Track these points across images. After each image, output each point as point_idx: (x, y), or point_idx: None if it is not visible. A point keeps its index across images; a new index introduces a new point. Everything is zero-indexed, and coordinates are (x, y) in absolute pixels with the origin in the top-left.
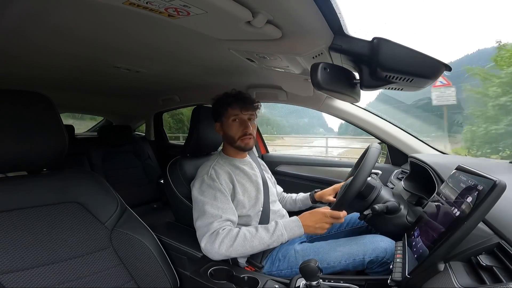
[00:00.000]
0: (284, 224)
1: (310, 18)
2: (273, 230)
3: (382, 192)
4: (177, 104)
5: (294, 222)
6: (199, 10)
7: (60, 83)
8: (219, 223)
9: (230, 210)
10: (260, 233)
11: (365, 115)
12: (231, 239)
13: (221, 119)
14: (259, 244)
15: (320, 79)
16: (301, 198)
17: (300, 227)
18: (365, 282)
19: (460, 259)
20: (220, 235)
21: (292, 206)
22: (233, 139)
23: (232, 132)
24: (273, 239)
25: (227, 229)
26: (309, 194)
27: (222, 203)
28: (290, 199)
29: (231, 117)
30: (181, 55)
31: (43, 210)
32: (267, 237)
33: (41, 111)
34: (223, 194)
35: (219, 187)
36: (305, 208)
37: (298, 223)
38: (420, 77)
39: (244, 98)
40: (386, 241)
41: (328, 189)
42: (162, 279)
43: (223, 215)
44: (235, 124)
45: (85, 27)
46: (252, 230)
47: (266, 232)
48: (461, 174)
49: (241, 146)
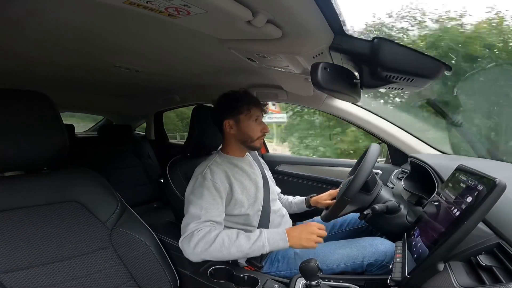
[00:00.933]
0: (268, 235)
1: (310, 18)
2: (254, 239)
3: (382, 192)
4: (177, 103)
5: (280, 234)
6: (199, 9)
7: (60, 82)
8: (195, 224)
9: (214, 210)
10: (240, 240)
11: (365, 115)
12: (207, 243)
13: (237, 117)
14: (237, 252)
15: (320, 78)
16: (296, 202)
17: (285, 240)
18: (365, 282)
19: (459, 259)
20: (195, 237)
21: (287, 209)
22: (251, 138)
23: (252, 132)
24: (253, 248)
25: (204, 231)
26: (304, 198)
27: (207, 202)
28: (286, 201)
29: (254, 116)
30: (181, 55)
31: (43, 209)
32: (247, 246)
33: (41, 111)
34: (210, 192)
35: (208, 186)
36: (300, 213)
37: (284, 236)
38: (420, 77)
39: (258, 101)
40: (385, 244)
41: (323, 194)
42: (162, 278)
43: (204, 215)
44: (257, 124)
45: (85, 26)
46: (233, 236)
47: (247, 240)
48: (461, 174)
49: (256, 146)
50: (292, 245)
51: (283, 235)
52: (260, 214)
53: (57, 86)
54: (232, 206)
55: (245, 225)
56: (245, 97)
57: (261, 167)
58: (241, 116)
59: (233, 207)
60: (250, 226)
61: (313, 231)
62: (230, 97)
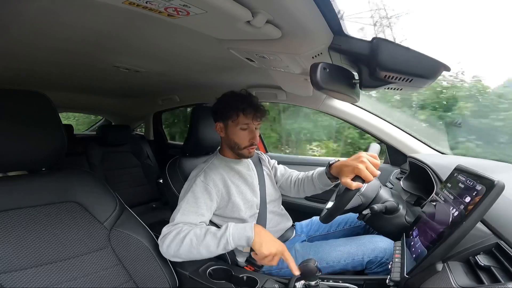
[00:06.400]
0: (233, 231)
1: (309, 18)
2: (219, 236)
3: (381, 192)
4: (177, 104)
5: (247, 231)
6: (198, 10)
7: (59, 82)
8: (169, 227)
9: (192, 214)
10: (206, 240)
11: (364, 115)
12: (177, 244)
13: (226, 122)
14: (206, 252)
15: (319, 79)
16: (317, 176)
17: (249, 238)
18: (364, 282)
19: (458, 259)
20: (167, 240)
21: (312, 189)
22: (238, 146)
23: (238, 140)
24: (220, 247)
25: (175, 232)
26: (324, 170)
27: (188, 204)
28: (307, 180)
29: (241, 124)
30: (180, 55)
31: (41, 210)
32: (214, 245)
33: (40, 111)
34: (194, 196)
35: (196, 189)
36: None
37: (250, 233)
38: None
39: (257, 106)
40: (385, 241)
41: (347, 164)
42: (161, 279)
43: (178, 218)
44: (244, 133)
45: (84, 26)
46: (201, 235)
47: (213, 238)
48: (460, 174)
49: (244, 155)
50: (254, 243)
51: (250, 232)
52: (256, 216)
53: (56, 86)
54: (229, 209)
55: None
56: (236, 103)
57: (260, 166)
58: (229, 122)
59: (230, 210)
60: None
61: (277, 252)
62: (222, 100)
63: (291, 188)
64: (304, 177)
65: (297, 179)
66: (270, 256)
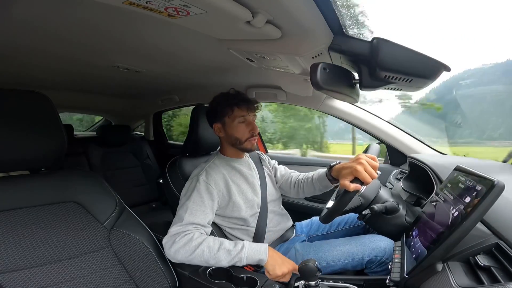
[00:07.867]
0: (248, 253)
1: (310, 18)
2: (234, 255)
3: (381, 192)
4: (177, 104)
5: (260, 254)
6: (199, 10)
7: (59, 82)
8: (178, 227)
9: (199, 213)
10: (219, 255)
11: (364, 115)
12: (187, 251)
13: (223, 120)
14: (215, 263)
15: (319, 79)
16: (317, 178)
17: (262, 261)
18: (364, 282)
19: (458, 259)
20: (177, 244)
21: (311, 191)
22: (239, 140)
23: (239, 134)
24: (231, 263)
25: (187, 238)
26: (325, 172)
27: (194, 203)
28: (307, 182)
29: (238, 118)
30: (180, 55)
31: (41, 210)
32: (225, 261)
33: (40, 111)
34: (200, 195)
35: (200, 188)
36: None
37: (264, 256)
38: (419, 77)
39: (247, 99)
40: (385, 241)
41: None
42: (161, 279)
43: (187, 218)
44: (242, 125)
45: (84, 26)
46: (213, 248)
47: (227, 255)
48: (459, 174)
49: (247, 148)
50: (268, 265)
51: (264, 254)
52: (257, 216)
53: (57, 86)
54: (230, 208)
55: (244, 225)
56: (226, 99)
57: (260, 167)
58: (226, 119)
59: (231, 209)
60: (249, 226)
61: (289, 271)
62: (214, 101)
63: (291, 189)
64: (304, 178)
65: (297, 180)
66: (282, 275)
